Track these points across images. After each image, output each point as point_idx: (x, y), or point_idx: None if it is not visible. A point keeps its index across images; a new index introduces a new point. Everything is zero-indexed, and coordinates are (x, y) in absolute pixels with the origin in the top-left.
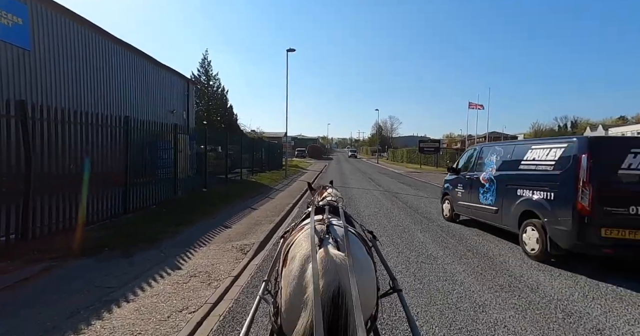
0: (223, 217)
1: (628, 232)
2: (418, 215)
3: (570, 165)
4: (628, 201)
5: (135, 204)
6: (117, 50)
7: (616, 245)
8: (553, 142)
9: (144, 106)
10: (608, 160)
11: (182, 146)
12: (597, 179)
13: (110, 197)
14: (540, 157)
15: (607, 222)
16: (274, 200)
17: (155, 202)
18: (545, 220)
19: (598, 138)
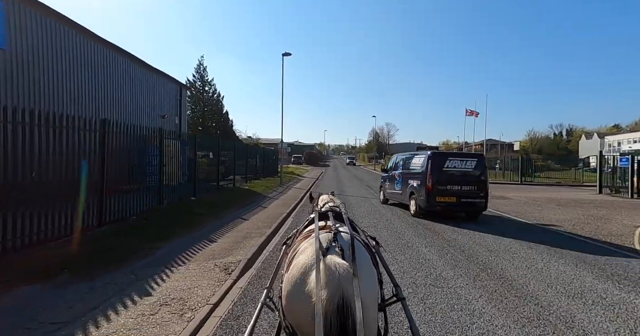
0: (209, 230)
1: (447, 198)
2: (420, 227)
3: (425, 166)
4: (446, 183)
5: (113, 215)
6: (104, 52)
7: (442, 205)
8: (421, 154)
9: (132, 110)
10: (439, 163)
11: (173, 152)
12: (434, 173)
13: (82, 207)
14: (417, 162)
15: (438, 194)
16: (267, 210)
17: (136, 212)
18: (416, 195)
19: (435, 152)
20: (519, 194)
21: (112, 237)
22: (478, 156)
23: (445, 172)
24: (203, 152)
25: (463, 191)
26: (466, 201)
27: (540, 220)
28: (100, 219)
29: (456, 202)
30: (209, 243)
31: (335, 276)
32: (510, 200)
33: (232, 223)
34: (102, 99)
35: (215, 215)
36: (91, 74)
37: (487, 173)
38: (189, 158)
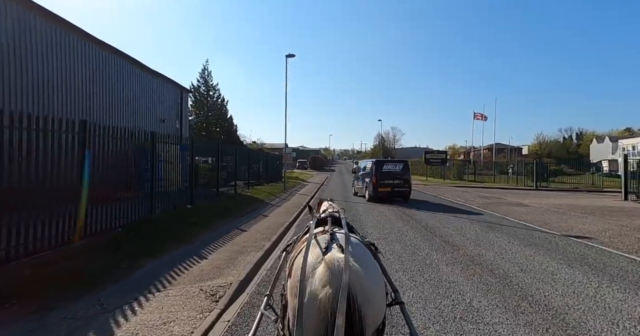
0: (201, 243)
1: (385, 188)
2: (437, 239)
3: (372, 168)
4: (384, 179)
5: (95, 227)
6: (100, 54)
7: (383, 193)
8: (370, 161)
9: (131, 114)
10: (380, 167)
11: (172, 157)
12: (377, 172)
13: (56, 220)
14: (368, 166)
15: (379, 186)
16: (268, 219)
17: (123, 223)
18: (369, 187)
19: (377, 160)
20: (536, 201)
21: (88, 253)
22: (404, 162)
23: (384, 172)
24: (204, 157)
25: (395, 184)
26: (397, 190)
27: (570, 231)
28: (79, 232)
29: (391, 191)
30: (198, 260)
31: (339, 272)
32: (529, 208)
33: (228, 235)
34: (98, 102)
35: (210, 226)
36: (86, 75)
37: (409, 172)
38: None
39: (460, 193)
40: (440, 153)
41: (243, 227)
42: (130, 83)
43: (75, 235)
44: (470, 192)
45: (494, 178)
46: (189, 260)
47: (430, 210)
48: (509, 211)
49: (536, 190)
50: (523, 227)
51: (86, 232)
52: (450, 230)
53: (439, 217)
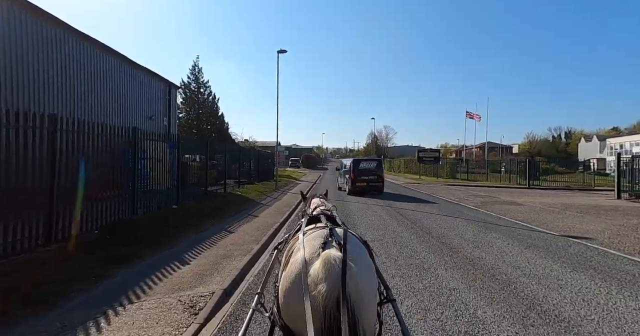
0: (184, 247)
1: (361, 183)
2: (434, 241)
3: (351, 166)
4: (361, 175)
5: (66, 231)
6: (81, 46)
7: (360, 187)
8: (349, 159)
9: (114, 110)
10: (357, 165)
11: (160, 155)
12: (355, 170)
13: (22, 223)
14: (348, 165)
15: (357, 181)
16: (258, 219)
17: (100, 225)
18: (348, 182)
19: (354, 159)
20: (530, 199)
21: (57, 260)
22: (377, 160)
23: (360, 169)
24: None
25: (370, 179)
26: (372, 184)
27: (568, 231)
28: (50, 237)
29: (367, 185)
30: (179, 266)
31: (335, 270)
32: (523, 207)
33: (214, 238)
34: (78, 97)
35: (195, 227)
36: (66, 69)
37: (382, 169)
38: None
39: (453, 192)
40: (433, 151)
41: (231, 228)
42: (114, 78)
43: (45, 239)
44: (463, 190)
45: (487, 176)
46: (169, 266)
47: (424, 210)
48: (504, 210)
49: (529, 188)
50: (520, 227)
51: (60, 236)
52: (446, 231)
53: (434, 217)
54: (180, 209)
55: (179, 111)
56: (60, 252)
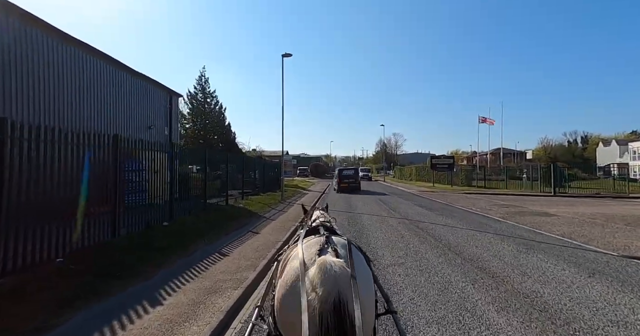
0: (162, 278)
1: (344, 184)
2: (468, 265)
3: (337, 173)
4: (343, 179)
5: (19, 261)
6: (71, 52)
7: (343, 187)
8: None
9: (109, 120)
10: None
11: (158, 166)
12: (340, 176)
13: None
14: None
15: (341, 183)
16: (258, 237)
17: (66, 252)
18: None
19: (339, 168)
20: (563, 209)
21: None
22: (354, 169)
23: (343, 175)
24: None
25: (349, 182)
26: (351, 185)
27: (628, 251)
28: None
29: (347, 186)
30: (147, 308)
31: (331, 275)
32: (558, 218)
33: (203, 263)
34: (68, 105)
35: (183, 250)
36: (55, 76)
37: (358, 174)
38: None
39: (473, 201)
40: (447, 158)
41: (226, 249)
42: (110, 86)
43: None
44: (483, 199)
45: (506, 184)
46: (134, 310)
47: (446, 223)
48: (537, 222)
49: (555, 196)
50: (567, 245)
51: (11, 266)
52: (479, 251)
53: (459, 231)
54: (172, 226)
55: (186, 121)
56: (4, 292)
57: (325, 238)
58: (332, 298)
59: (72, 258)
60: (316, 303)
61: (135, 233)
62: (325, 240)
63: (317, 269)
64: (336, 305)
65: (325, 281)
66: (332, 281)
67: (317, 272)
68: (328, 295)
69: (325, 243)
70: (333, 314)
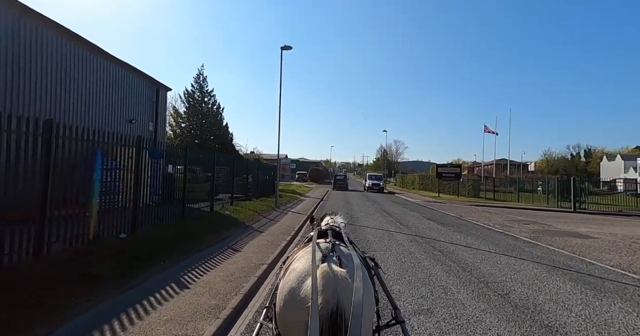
0: (67, 333)
1: (337, 185)
2: (527, 319)
3: (334, 178)
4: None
5: None
6: (34, 29)
7: (337, 187)
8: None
9: (80, 110)
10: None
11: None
12: (336, 180)
13: None
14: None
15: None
16: (238, 257)
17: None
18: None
19: (335, 175)
20: (594, 229)
21: None
22: (344, 175)
23: (337, 179)
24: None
25: (340, 184)
26: (342, 186)
27: None
28: None
29: (339, 186)
30: None
31: (333, 283)
32: (597, 241)
33: (143, 305)
34: (36, 92)
35: (126, 277)
36: (22, 61)
37: (347, 179)
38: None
39: (487, 215)
40: (454, 167)
41: (189, 275)
42: (82, 71)
43: None
44: (497, 213)
45: (518, 196)
46: None
47: (467, 243)
48: (576, 247)
49: (575, 212)
50: (631, 282)
51: None
52: (531, 292)
53: (488, 257)
54: (128, 240)
55: (181, 120)
56: None
57: (331, 245)
58: (330, 306)
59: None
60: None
61: (72, 249)
62: (332, 247)
63: (319, 276)
64: (333, 313)
65: (325, 288)
66: (332, 289)
67: (319, 279)
68: (327, 303)
69: (331, 251)
70: (329, 323)
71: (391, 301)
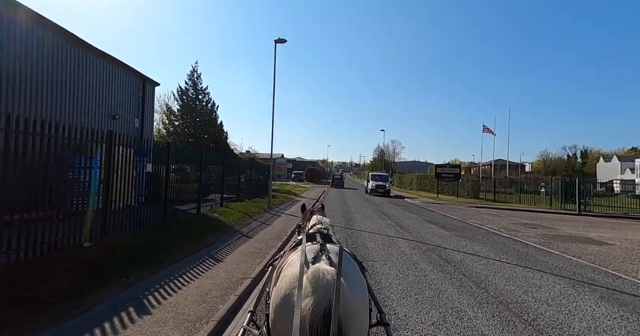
0: None
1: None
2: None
3: (332, 177)
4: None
5: None
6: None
7: (335, 185)
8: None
9: (55, 104)
10: (334, 176)
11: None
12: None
13: None
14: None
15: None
16: (218, 269)
17: None
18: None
19: (334, 174)
20: (607, 235)
21: None
22: (341, 175)
23: (335, 179)
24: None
25: (338, 182)
26: (339, 184)
27: None
28: None
29: (337, 185)
30: None
31: (323, 283)
32: (614, 248)
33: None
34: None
35: (73, 303)
36: None
37: (344, 178)
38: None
39: (489, 218)
40: (453, 167)
41: (155, 295)
42: (55, 61)
43: None
44: (500, 215)
45: (519, 198)
46: None
47: (475, 251)
48: (593, 255)
49: (580, 215)
50: None
51: None
52: (562, 316)
53: (503, 268)
54: (93, 249)
55: (175, 118)
56: None
57: (319, 245)
58: (322, 307)
59: None
60: (307, 311)
61: (15, 266)
62: (320, 247)
63: (310, 277)
64: (326, 314)
65: (317, 289)
66: (323, 290)
67: (309, 281)
68: (319, 304)
69: (320, 251)
70: (323, 323)
71: (376, 303)
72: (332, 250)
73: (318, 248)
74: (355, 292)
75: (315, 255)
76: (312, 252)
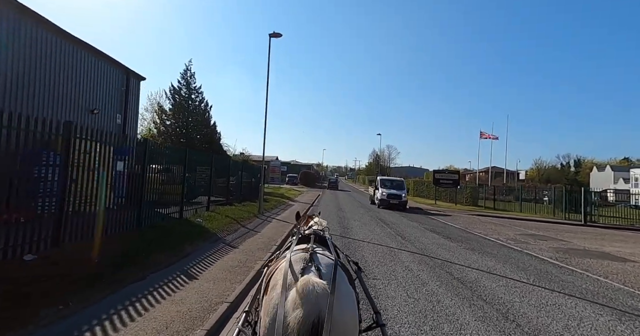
0: None
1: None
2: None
3: (328, 181)
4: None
5: None
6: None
7: (330, 187)
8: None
9: (24, 95)
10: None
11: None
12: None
13: None
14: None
15: (330, 186)
16: (192, 287)
17: None
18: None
19: (329, 179)
20: (625, 249)
21: None
22: (336, 178)
23: (330, 182)
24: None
25: (332, 185)
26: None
27: None
28: None
29: (332, 187)
30: None
31: (313, 295)
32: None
33: None
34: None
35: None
36: None
37: (338, 182)
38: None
39: (493, 227)
40: (452, 173)
41: (98, 329)
42: (29, 48)
43: None
44: (503, 224)
45: (520, 206)
46: None
47: (489, 268)
48: (620, 273)
49: (586, 226)
50: None
51: None
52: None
53: (528, 291)
54: (34, 265)
55: (166, 118)
56: None
57: (309, 255)
58: (311, 319)
59: None
60: (295, 323)
61: None
62: (309, 257)
63: (299, 290)
64: (315, 325)
65: (306, 301)
66: (312, 301)
67: (296, 293)
68: (308, 316)
69: (310, 261)
70: (310, 334)
71: (372, 305)
72: (321, 260)
73: (307, 258)
74: (345, 304)
75: (304, 266)
76: (302, 261)
